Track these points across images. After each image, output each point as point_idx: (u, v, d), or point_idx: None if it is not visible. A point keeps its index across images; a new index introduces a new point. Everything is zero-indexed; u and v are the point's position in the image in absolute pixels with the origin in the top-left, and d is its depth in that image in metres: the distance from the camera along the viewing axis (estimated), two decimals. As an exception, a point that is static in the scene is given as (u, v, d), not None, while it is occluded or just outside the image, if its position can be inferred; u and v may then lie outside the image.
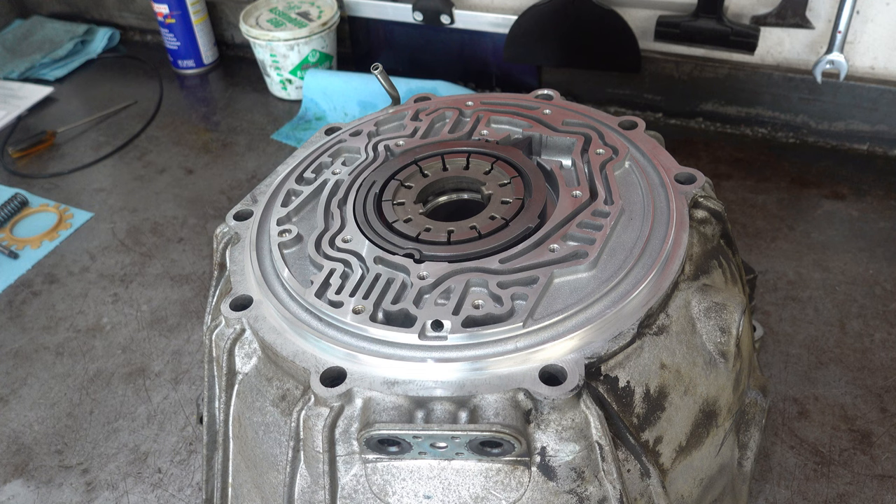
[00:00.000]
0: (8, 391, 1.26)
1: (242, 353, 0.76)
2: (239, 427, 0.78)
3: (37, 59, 2.11)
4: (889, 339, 1.20)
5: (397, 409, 0.65)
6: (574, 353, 0.66)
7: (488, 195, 0.83)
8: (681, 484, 0.75)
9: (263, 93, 1.97)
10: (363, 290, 0.73)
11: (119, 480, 1.11)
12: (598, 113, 0.92)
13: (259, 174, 1.70)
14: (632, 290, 0.70)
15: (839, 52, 1.43)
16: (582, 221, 0.76)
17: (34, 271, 1.50)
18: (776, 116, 1.63)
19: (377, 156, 0.90)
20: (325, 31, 1.83)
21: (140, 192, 1.68)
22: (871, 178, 1.51)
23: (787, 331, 1.22)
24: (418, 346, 0.67)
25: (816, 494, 1.01)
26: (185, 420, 1.19)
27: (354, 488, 0.68)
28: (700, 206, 0.81)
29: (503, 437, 0.62)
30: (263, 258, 0.80)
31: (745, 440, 0.87)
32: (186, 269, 1.47)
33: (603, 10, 1.58)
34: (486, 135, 0.91)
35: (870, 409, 1.11)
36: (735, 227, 1.41)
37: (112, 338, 1.34)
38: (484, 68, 1.83)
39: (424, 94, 1.01)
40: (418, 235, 0.78)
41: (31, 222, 1.62)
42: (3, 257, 1.52)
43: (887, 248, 1.36)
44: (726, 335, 0.74)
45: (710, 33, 1.52)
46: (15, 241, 1.56)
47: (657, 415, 0.70)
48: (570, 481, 0.66)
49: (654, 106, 1.73)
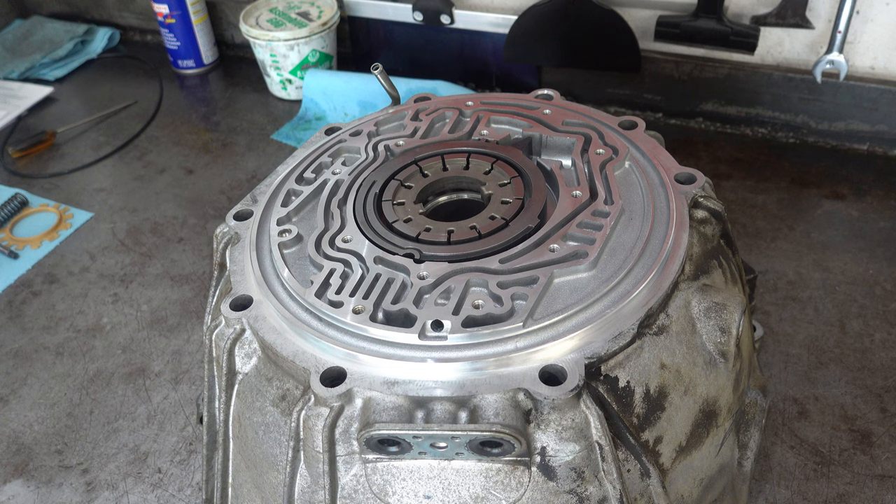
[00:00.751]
0: (8, 391, 1.26)
1: (242, 353, 0.76)
2: (239, 427, 0.78)
3: (37, 59, 2.11)
4: (889, 339, 1.20)
5: (397, 409, 0.65)
6: (574, 353, 0.66)
7: (488, 195, 0.83)
8: (681, 484, 0.75)
9: (263, 93, 1.97)
10: (363, 290, 0.73)
11: (119, 480, 1.11)
12: (598, 113, 0.92)
13: (259, 174, 1.70)
14: (632, 290, 0.70)
15: (839, 52, 1.43)
16: (582, 221, 0.76)
17: (34, 271, 1.50)
18: (776, 116, 1.63)
19: (377, 156, 0.90)
20: (325, 31, 1.83)
21: (140, 192, 1.68)
22: (871, 178, 1.51)
23: (787, 331, 1.22)
24: (418, 346, 0.67)
25: (816, 494, 1.01)
26: (185, 420, 1.19)
27: (354, 488, 0.68)
28: (700, 206, 0.81)
29: (503, 437, 0.62)
30: (263, 258, 0.80)
31: (745, 440, 0.87)
32: (186, 269, 1.47)
33: (603, 10, 1.58)
34: (486, 135, 0.91)
35: (870, 409, 1.11)
36: (735, 227, 1.41)
37: (112, 338, 1.34)
38: (484, 68, 1.83)
39: (424, 94, 1.01)
40: (418, 235, 0.78)
41: (31, 222, 1.62)
42: (3, 257, 1.52)
43: (887, 248, 1.36)
44: (726, 335, 0.74)
45: (710, 33, 1.52)
46: (15, 241, 1.56)
47: (657, 415, 0.70)
48: (570, 481, 0.66)
49: (654, 106, 1.73)
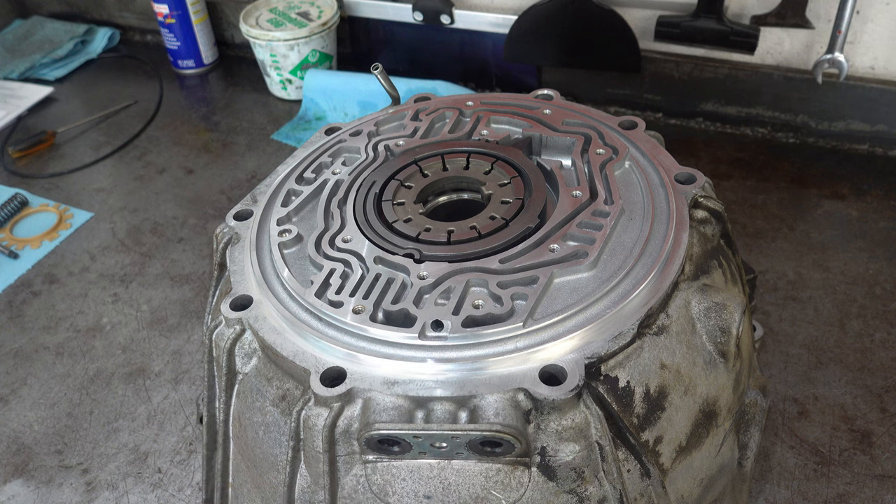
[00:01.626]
0: (8, 391, 1.26)
1: (242, 353, 0.76)
2: (239, 427, 0.78)
3: (37, 59, 2.11)
4: (889, 339, 1.20)
5: (397, 409, 0.65)
6: (574, 353, 0.66)
7: (488, 195, 0.83)
8: (681, 484, 0.75)
9: (263, 93, 1.97)
10: (363, 290, 0.73)
11: (119, 480, 1.11)
12: (598, 113, 0.92)
13: (259, 174, 1.70)
14: (632, 290, 0.70)
15: (839, 52, 1.43)
16: (582, 221, 0.76)
17: (34, 271, 1.50)
18: (776, 116, 1.63)
19: (377, 156, 0.90)
20: (325, 31, 1.83)
21: (140, 192, 1.68)
22: (871, 178, 1.51)
23: (787, 331, 1.22)
24: (418, 346, 0.67)
25: (816, 494, 1.01)
26: (185, 420, 1.19)
27: (354, 488, 0.68)
28: (700, 206, 0.81)
29: (503, 437, 0.62)
30: (263, 258, 0.80)
31: (745, 440, 0.87)
32: (186, 269, 1.47)
33: (603, 10, 1.58)
34: (486, 135, 0.91)
35: (870, 409, 1.11)
36: (735, 227, 1.41)
37: (112, 338, 1.34)
38: (484, 68, 1.83)
39: (424, 94, 1.01)
40: (418, 235, 0.78)
41: (31, 222, 1.62)
42: (3, 257, 1.52)
43: (887, 248, 1.36)
44: (726, 335, 0.74)
45: (710, 33, 1.52)
46: (15, 241, 1.56)
47: (657, 415, 0.70)
48: (570, 481, 0.66)
49: (654, 106, 1.73)
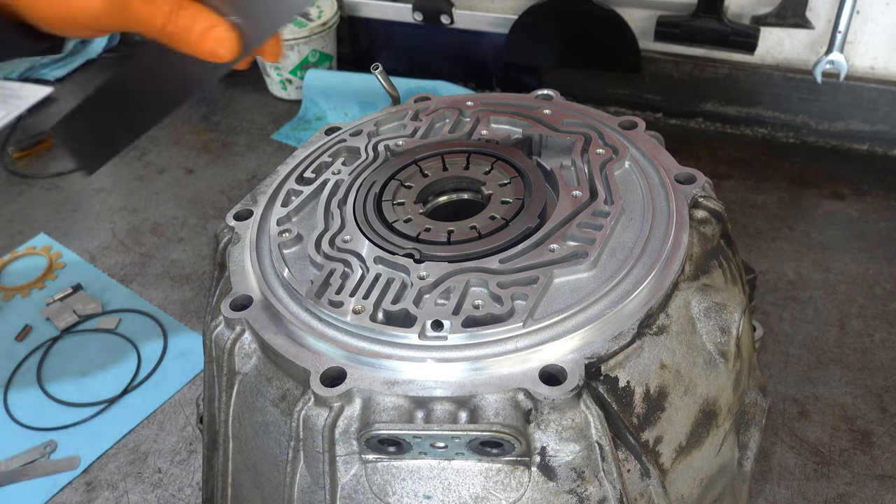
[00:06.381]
0: (8, 391, 1.26)
1: (242, 353, 0.76)
2: (239, 427, 0.78)
3: (37, 59, 2.11)
4: (889, 339, 1.20)
5: (397, 409, 0.65)
6: (574, 353, 0.66)
7: (488, 195, 0.83)
8: (681, 484, 0.75)
9: (263, 93, 1.96)
10: (363, 290, 0.73)
11: (119, 480, 1.11)
12: (598, 113, 0.92)
13: (259, 174, 1.70)
14: (632, 290, 0.70)
15: (839, 52, 1.43)
16: (582, 221, 0.76)
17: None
18: (776, 116, 1.62)
19: (377, 156, 0.90)
20: (325, 31, 1.83)
21: (140, 192, 1.68)
22: (871, 178, 1.51)
23: (787, 331, 1.22)
24: (418, 346, 0.67)
25: (816, 494, 1.01)
26: (185, 420, 1.19)
27: (354, 488, 0.68)
28: (700, 206, 0.81)
29: (503, 437, 0.62)
30: (263, 258, 0.80)
31: (745, 440, 0.87)
32: (186, 269, 1.47)
33: (603, 10, 1.57)
34: (485, 135, 0.91)
35: (870, 409, 1.11)
36: (735, 227, 1.41)
37: (112, 338, 1.34)
38: (484, 68, 1.83)
39: (424, 94, 1.01)
40: (418, 235, 0.78)
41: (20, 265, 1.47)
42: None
43: (887, 248, 1.36)
44: (726, 335, 0.74)
45: (710, 33, 1.52)
46: (2, 289, 1.44)
47: (657, 415, 0.70)
48: (570, 481, 0.66)
49: (654, 106, 1.73)
